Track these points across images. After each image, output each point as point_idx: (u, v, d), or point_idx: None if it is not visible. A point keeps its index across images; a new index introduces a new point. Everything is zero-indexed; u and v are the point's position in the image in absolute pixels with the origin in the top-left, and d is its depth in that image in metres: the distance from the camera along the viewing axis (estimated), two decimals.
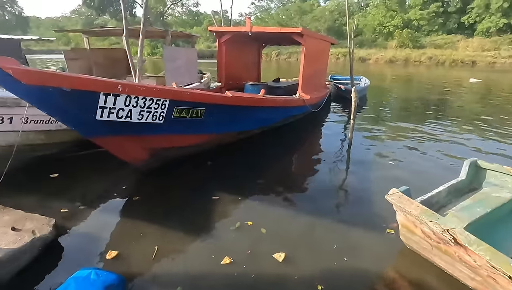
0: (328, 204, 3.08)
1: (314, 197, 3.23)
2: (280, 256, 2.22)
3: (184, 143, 3.73)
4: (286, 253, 2.25)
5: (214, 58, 31.08)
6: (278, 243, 2.39)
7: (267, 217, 2.80)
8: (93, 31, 7.06)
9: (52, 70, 2.51)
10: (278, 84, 6.82)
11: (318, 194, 3.29)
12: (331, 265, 2.18)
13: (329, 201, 3.16)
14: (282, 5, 53.64)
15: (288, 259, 2.21)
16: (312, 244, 2.41)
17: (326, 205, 3.04)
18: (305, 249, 2.34)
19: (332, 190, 3.45)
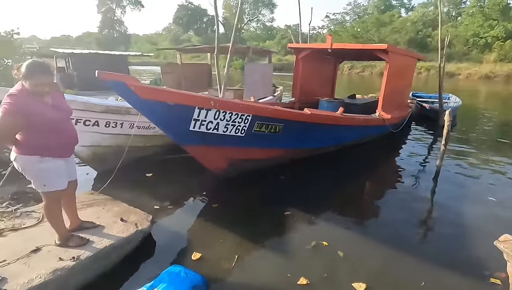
0: (412, 235, 2.83)
1: (394, 225, 2.99)
2: (360, 286, 2.11)
3: (261, 156, 3.89)
4: (367, 285, 2.13)
5: (284, 71, 31.71)
6: (357, 271, 2.28)
7: (343, 239, 2.71)
8: (186, 49, 8.00)
9: (161, 88, 2.92)
10: (354, 101, 6.57)
11: (400, 223, 3.04)
12: None
13: (413, 232, 2.89)
14: (359, 17, 51.87)
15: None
16: (395, 279, 2.23)
17: (410, 236, 2.80)
18: (388, 283, 2.18)
19: (416, 220, 3.14)
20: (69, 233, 2.17)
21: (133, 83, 2.58)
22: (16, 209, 2.67)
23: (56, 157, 1.96)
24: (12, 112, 1.72)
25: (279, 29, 61.52)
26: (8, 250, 2.01)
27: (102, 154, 3.92)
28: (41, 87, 1.80)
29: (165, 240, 2.67)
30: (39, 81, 1.78)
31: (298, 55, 6.31)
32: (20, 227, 2.32)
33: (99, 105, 3.65)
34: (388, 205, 3.52)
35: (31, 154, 1.87)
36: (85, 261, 1.99)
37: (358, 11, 53.98)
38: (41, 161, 1.89)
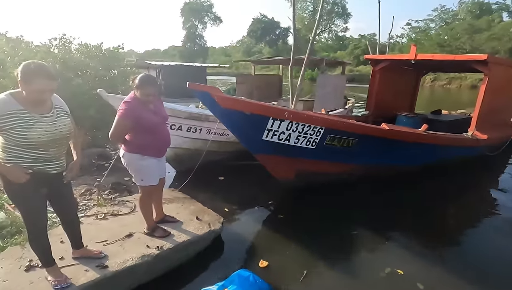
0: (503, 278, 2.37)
1: (482, 262, 2.59)
2: None
3: (330, 170, 3.77)
4: None
5: (355, 82, 30.29)
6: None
7: (422, 271, 2.43)
8: (261, 61, 8.37)
9: (240, 98, 3.11)
10: (439, 118, 5.88)
11: (490, 261, 2.62)
12: None
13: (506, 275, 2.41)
14: (446, 24, 46.46)
15: None
16: None
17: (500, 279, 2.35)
18: None
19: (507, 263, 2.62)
20: (155, 224, 2.45)
21: (216, 93, 2.81)
22: (114, 197, 3.14)
23: (152, 156, 2.26)
24: (126, 116, 2.08)
25: (352, 39, 59.29)
26: (109, 232, 2.38)
27: (181, 155, 4.33)
28: (148, 96, 2.13)
29: (233, 243, 2.79)
30: (147, 91, 2.11)
31: (375, 66, 5.97)
32: (118, 213, 2.72)
33: (183, 111, 4.07)
34: (477, 239, 3.03)
35: (135, 152, 2.20)
36: (166, 251, 2.22)
37: (446, 17, 48.40)
38: (141, 158, 2.20)
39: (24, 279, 1.84)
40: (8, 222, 2.42)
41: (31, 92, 1.50)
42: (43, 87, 1.51)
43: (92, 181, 3.53)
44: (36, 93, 1.51)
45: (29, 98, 1.53)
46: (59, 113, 1.69)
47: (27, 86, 1.49)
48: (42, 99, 1.57)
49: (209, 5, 62.30)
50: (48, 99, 1.63)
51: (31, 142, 1.54)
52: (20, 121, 1.50)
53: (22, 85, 1.49)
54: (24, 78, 1.47)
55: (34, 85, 1.48)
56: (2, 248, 2.16)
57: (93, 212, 2.73)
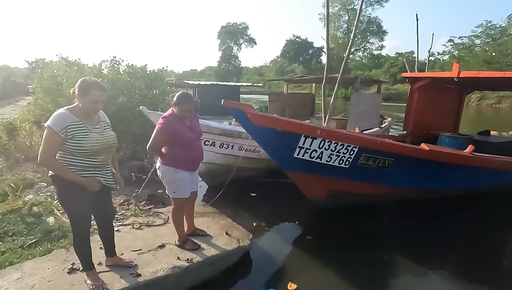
0: None
1: None
2: None
3: (365, 191, 3.62)
4: None
5: (392, 101, 29.22)
6: None
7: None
8: (293, 80, 8.49)
9: (272, 115, 3.16)
10: (488, 139, 5.42)
11: None
12: None
13: None
14: (493, 40, 43.56)
15: None
16: None
17: None
18: None
19: None
20: (186, 236, 2.50)
21: (249, 110, 2.89)
22: (149, 209, 3.29)
23: (185, 170, 2.36)
24: (163, 130, 2.23)
25: (388, 57, 57.79)
26: (143, 242, 2.48)
27: (213, 170, 4.44)
28: (185, 112, 2.26)
29: (262, 261, 2.75)
30: (184, 107, 2.24)
31: (414, 84, 5.74)
32: (152, 224, 2.83)
33: (217, 128, 4.21)
34: None
35: (169, 164, 2.31)
36: (196, 264, 2.25)
37: (493, 33, 45.41)
38: (175, 171, 2.31)
39: (66, 280, 1.97)
40: (56, 226, 2.64)
41: (87, 103, 1.73)
42: (98, 98, 1.76)
43: (131, 192, 3.73)
44: (92, 104, 1.75)
45: (85, 109, 1.75)
46: (106, 126, 1.91)
47: (84, 98, 1.72)
48: (96, 109, 1.80)
49: (244, 28, 65.07)
50: (99, 110, 1.86)
51: (85, 150, 1.74)
52: (78, 131, 1.71)
53: (79, 98, 1.73)
54: (82, 91, 1.72)
55: (90, 96, 1.72)
56: (50, 250, 2.34)
57: (130, 222, 2.87)
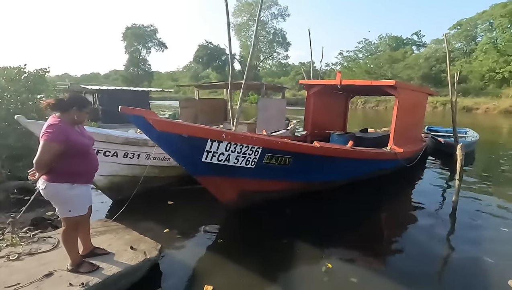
0: (426, 272, 2.73)
1: (409, 261, 2.92)
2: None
3: (271, 189, 3.92)
4: None
5: (298, 106, 32.31)
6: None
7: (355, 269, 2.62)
8: (204, 85, 8.51)
9: (177, 121, 3.13)
10: (366, 135, 6.61)
11: (414, 258, 2.97)
12: None
13: (428, 269, 2.78)
14: (371, 54, 53.36)
15: None
16: None
17: (423, 272, 2.71)
18: None
19: (431, 257, 3.01)
20: (81, 258, 2.24)
21: (151, 117, 2.79)
22: (34, 234, 2.80)
23: (83, 183, 2.12)
24: (57, 139, 1.91)
25: (294, 66, 63.86)
26: (23, 274, 2.10)
27: (118, 183, 4.09)
28: (85, 117, 2.09)
29: (174, 269, 2.69)
30: (88, 110, 2.11)
31: (309, 91, 6.55)
32: (37, 252, 2.42)
33: (119, 137, 3.90)
34: (403, 241, 3.43)
35: (63, 181, 2.01)
36: (93, 287, 2.04)
37: (370, 48, 55.65)
38: (71, 188, 2.03)
39: None
40: None
41: None
42: None
43: (7, 218, 3.09)
44: None
45: None
46: None
47: None
48: None
49: (152, 31, 61.74)
50: None
51: None
52: None
53: None
54: None
55: None
56: None
57: (4, 253, 2.38)
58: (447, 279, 2.71)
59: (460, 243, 3.34)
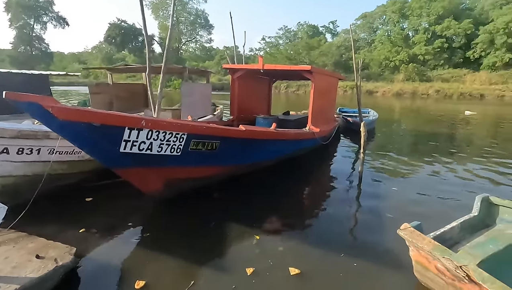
0: (340, 231, 3.17)
1: (326, 225, 3.32)
2: (294, 270, 2.46)
3: (199, 175, 3.87)
4: (301, 270, 2.46)
5: (224, 91, 32.28)
6: (293, 261, 2.61)
7: (282, 239, 2.85)
8: (117, 68, 7.62)
9: (85, 108, 2.75)
10: (288, 117, 7.05)
11: (330, 222, 3.39)
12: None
13: (342, 229, 3.23)
14: (290, 41, 56.34)
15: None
16: (322, 264, 2.57)
17: (339, 232, 3.12)
18: (316, 268, 2.52)
19: (344, 219, 3.48)
20: None
21: (50, 104, 2.39)
22: None
23: None
24: None
25: (218, 50, 62.91)
26: None
27: (13, 185, 3.43)
28: None
29: (96, 272, 2.44)
30: None
31: (233, 75, 6.57)
32: None
33: (9, 130, 3.23)
34: (321, 208, 3.85)
35: None
36: None
37: (289, 35, 58.67)
38: None
39: None
40: None
41: None
42: None
43: None
44: None
45: None
46: None
47: None
48: None
49: (47, 2, 51.92)
50: None
51: None
52: None
53: None
54: None
55: None
56: None
57: None
58: (357, 235, 3.19)
59: (366, 204, 3.94)
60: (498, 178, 5.13)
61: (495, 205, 2.70)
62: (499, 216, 2.67)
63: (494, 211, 2.71)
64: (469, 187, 4.60)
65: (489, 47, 36.44)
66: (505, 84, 31.60)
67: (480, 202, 2.67)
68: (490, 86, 31.87)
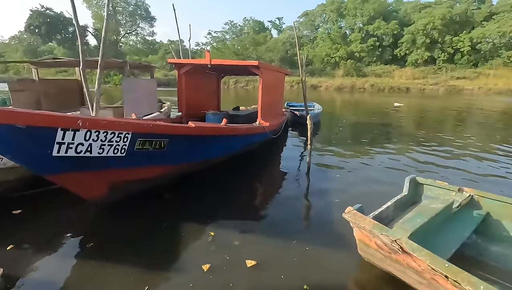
0: (292, 221, 3.29)
1: (278, 216, 3.42)
2: (251, 262, 2.52)
3: (148, 176, 3.67)
4: (257, 261, 2.52)
5: (171, 86, 30.99)
6: (249, 253, 2.67)
7: (237, 234, 2.87)
8: (44, 62, 6.72)
9: (5, 108, 2.39)
10: (238, 113, 7.07)
11: (282, 213, 3.51)
12: (296, 276, 2.33)
13: (293, 219, 3.36)
14: (237, 36, 56.29)
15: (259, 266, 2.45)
16: (277, 254, 2.65)
17: (292, 226, 3.22)
18: (272, 258, 2.60)
19: (297, 211, 3.63)
20: None
21: None
22: None
23: None
24: None
25: (162, 44, 59.94)
26: None
27: None
28: None
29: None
30: None
31: (180, 70, 6.34)
32: None
33: None
34: (273, 200, 3.99)
35: None
36: None
37: (236, 30, 58.56)
38: None
39: None
40: None
41: None
42: None
43: None
44: None
45: None
46: None
47: None
48: None
49: None
50: None
51: None
52: None
53: None
54: None
55: None
56: None
57: None
58: (308, 221, 3.39)
59: (315, 192, 4.20)
60: (424, 160, 5.90)
61: (420, 184, 3.11)
62: (424, 193, 3.08)
63: (420, 189, 3.11)
64: (401, 169, 5.21)
65: (412, 46, 41.30)
66: (425, 79, 36.29)
67: (408, 182, 3.04)
68: (414, 80, 36.22)
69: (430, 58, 39.94)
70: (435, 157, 6.16)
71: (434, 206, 2.60)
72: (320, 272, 2.43)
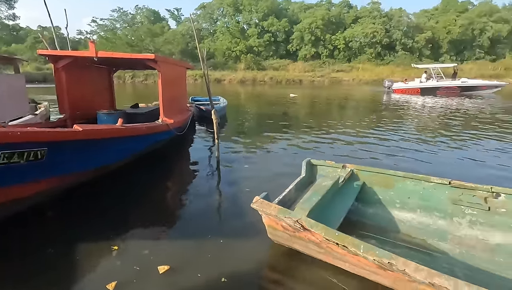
0: (207, 221, 3.24)
1: (189, 214, 3.35)
2: (164, 268, 2.39)
3: (24, 195, 2.99)
4: (170, 266, 2.40)
5: (48, 82, 25.89)
6: (161, 258, 2.52)
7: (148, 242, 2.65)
8: None
9: None
10: (137, 111, 6.49)
11: (194, 211, 3.46)
12: (213, 271, 2.34)
13: (208, 218, 3.32)
14: (129, 26, 51.03)
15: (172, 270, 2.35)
16: (191, 256, 2.57)
17: (205, 222, 3.18)
18: (185, 260, 2.52)
19: (209, 206, 3.61)
20: None
21: None
22: None
23: None
24: None
25: (31, 31, 49.14)
26: None
27: None
28: None
29: None
30: None
31: (57, 64, 5.32)
32: None
33: None
34: (184, 200, 3.84)
35: None
36: None
37: (127, 19, 53.01)
38: None
39: None
40: None
41: None
42: None
43: None
44: None
45: None
46: None
47: None
48: None
49: None
50: None
51: None
52: None
53: None
54: None
55: None
56: None
57: None
58: (221, 215, 3.42)
59: (225, 185, 4.26)
60: (317, 143, 6.75)
61: (315, 165, 3.54)
62: (318, 173, 3.53)
63: (315, 170, 3.55)
64: (299, 153, 5.83)
65: (301, 43, 46.39)
66: (314, 72, 41.55)
67: (305, 165, 3.43)
68: (305, 73, 40.91)
69: (316, 53, 45.92)
70: (325, 139, 7.15)
71: (325, 183, 3.01)
72: (235, 262, 2.50)
